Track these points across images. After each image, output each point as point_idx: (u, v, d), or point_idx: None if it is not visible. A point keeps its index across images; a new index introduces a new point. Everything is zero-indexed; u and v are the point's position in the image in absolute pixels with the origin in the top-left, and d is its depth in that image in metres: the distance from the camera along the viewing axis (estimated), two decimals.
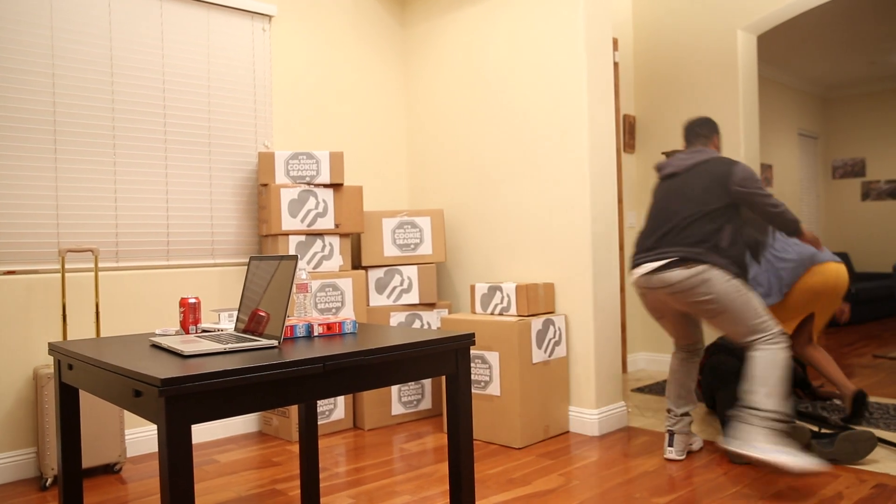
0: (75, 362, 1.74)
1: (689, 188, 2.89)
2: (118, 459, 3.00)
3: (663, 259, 2.83)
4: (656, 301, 2.96)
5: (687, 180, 2.92)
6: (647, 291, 2.92)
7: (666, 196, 2.96)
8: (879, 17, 6.36)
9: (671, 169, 3.00)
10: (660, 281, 2.83)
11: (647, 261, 2.90)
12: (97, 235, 3.25)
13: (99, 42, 3.26)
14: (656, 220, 2.95)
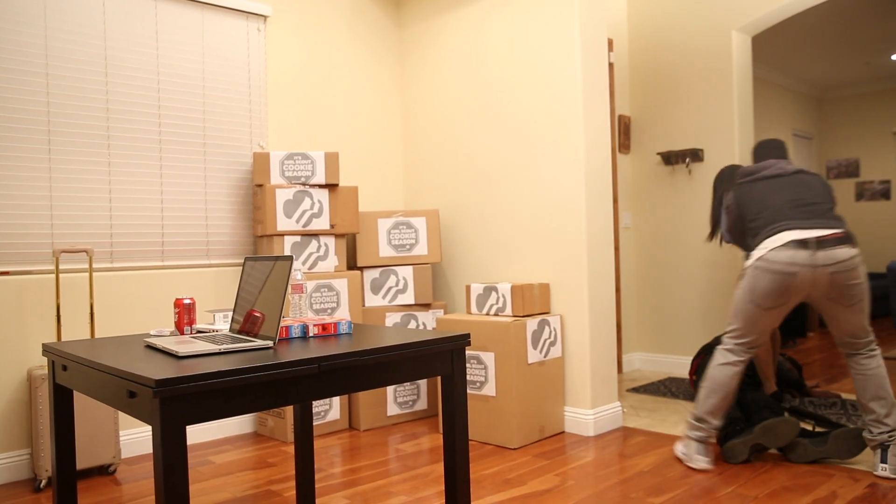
0: (69, 363, 1.73)
1: (806, 185, 2.82)
2: (113, 461, 2.99)
3: (831, 229, 2.65)
4: (802, 283, 2.65)
5: (800, 180, 2.84)
6: (802, 270, 2.63)
7: (782, 188, 2.84)
8: (874, 17, 6.38)
9: (774, 171, 2.91)
10: (828, 258, 2.61)
11: (808, 227, 2.67)
12: (91, 236, 3.24)
13: (93, 42, 3.25)
14: (786, 195, 2.80)
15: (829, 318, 2.78)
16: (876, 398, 2.75)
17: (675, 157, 4.91)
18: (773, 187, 2.88)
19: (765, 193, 2.89)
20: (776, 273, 2.66)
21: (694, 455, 2.88)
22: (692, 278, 4.89)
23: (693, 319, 4.90)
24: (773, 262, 2.66)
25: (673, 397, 4.19)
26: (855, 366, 2.82)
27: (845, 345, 2.83)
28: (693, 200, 4.89)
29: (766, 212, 2.83)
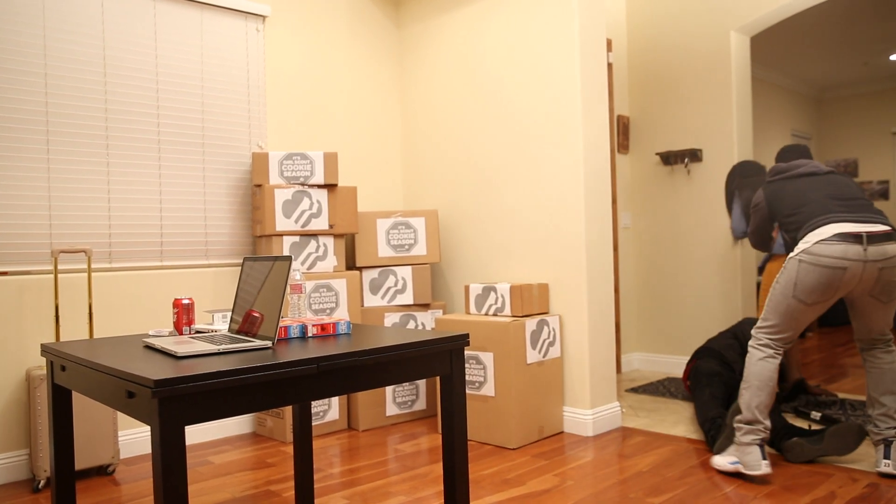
0: (68, 363, 1.73)
1: (842, 183, 2.79)
2: (111, 461, 2.99)
3: (880, 224, 2.59)
4: (851, 278, 2.57)
5: (835, 179, 2.82)
6: (853, 265, 2.54)
7: (820, 185, 2.80)
8: (872, 18, 6.39)
9: (809, 168, 2.89)
10: (880, 253, 2.54)
11: (858, 220, 2.60)
12: (90, 236, 3.23)
13: (92, 42, 3.25)
14: (827, 191, 2.76)
15: (862, 314, 2.74)
16: (889, 392, 2.74)
17: (674, 157, 4.91)
18: (810, 184, 2.83)
19: (802, 189, 2.82)
20: (825, 267, 2.54)
21: (754, 460, 2.67)
22: (691, 278, 4.90)
23: (692, 319, 4.91)
24: (821, 255, 2.55)
25: (672, 397, 4.19)
26: (871, 359, 2.79)
27: (866, 340, 2.80)
28: (692, 201, 4.90)
29: (807, 206, 2.74)
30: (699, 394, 3.40)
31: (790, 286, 2.63)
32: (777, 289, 2.68)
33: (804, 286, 2.59)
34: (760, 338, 2.77)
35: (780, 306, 2.67)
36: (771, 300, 2.71)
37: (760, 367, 2.72)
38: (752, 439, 2.70)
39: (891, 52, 7.55)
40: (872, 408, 2.78)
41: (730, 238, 4.71)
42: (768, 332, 2.75)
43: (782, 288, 2.66)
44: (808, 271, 2.58)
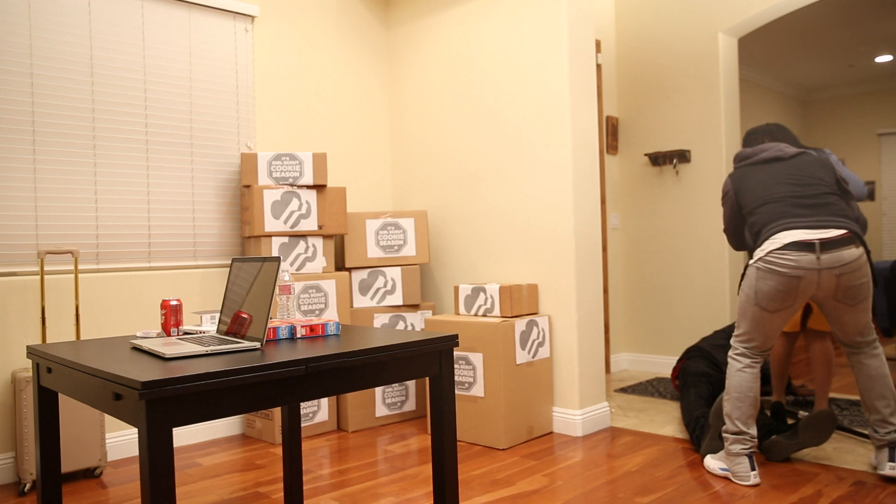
0: (54, 365, 1.72)
1: (808, 172, 2.70)
2: (99, 463, 2.97)
3: (836, 229, 2.54)
4: (808, 285, 2.54)
5: (802, 164, 2.73)
6: (807, 273, 2.51)
7: (782, 176, 2.71)
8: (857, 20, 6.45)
9: (773, 153, 2.78)
10: (834, 260, 2.51)
11: (812, 226, 2.55)
12: (77, 237, 3.21)
13: (79, 41, 3.23)
14: (786, 190, 2.68)
15: (833, 318, 2.69)
16: (881, 397, 2.68)
17: (663, 158, 4.94)
18: (771, 175, 2.74)
19: (763, 182, 2.75)
20: (780, 275, 2.54)
21: (743, 471, 2.66)
22: (680, 279, 4.92)
23: (681, 320, 4.93)
24: (776, 263, 2.54)
25: (661, 397, 4.21)
26: (858, 365, 2.73)
27: (848, 343, 2.75)
28: (680, 201, 4.92)
29: (766, 206, 2.69)
30: (685, 394, 3.42)
31: (752, 293, 2.62)
32: (742, 297, 2.68)
33: (763, 293, 2.59)
34: (736, 347, 2.75)
35: (746, 314, 2.67)
36: (739, 308, 2.72)
37: (738, 378, 2.70)
38: (741, 449, 2.68)
39: (875, 55, 7.61)
40: (868, 413, 2.72)
41: (718, 238, 4.74)
42: (741, 340, 2.73)
43: (745, 296, 2.66)
44: (765, 278, 2.57)
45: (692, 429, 3.16)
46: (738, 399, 2.68)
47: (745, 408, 2.67)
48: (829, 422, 2.87)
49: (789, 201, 2.65)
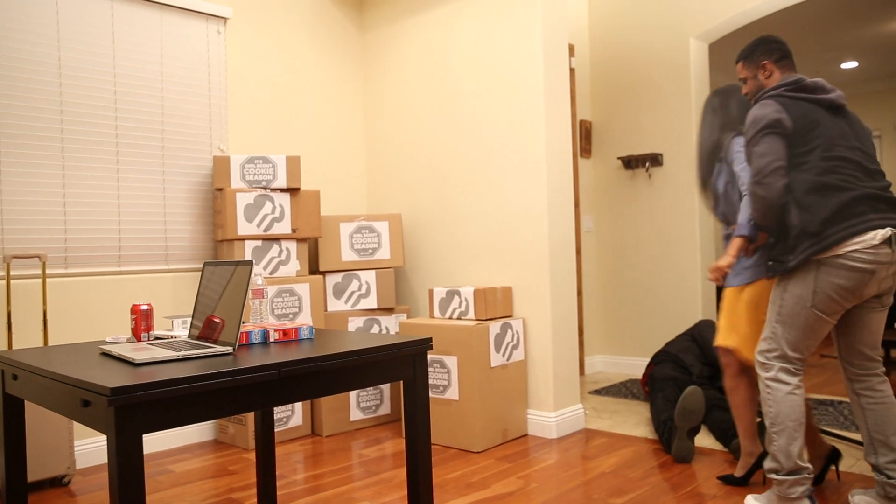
0: (20, 372, 1.68)
1: (863, 135, 2.32)
2: (67, 472, 2.92)
3: None
4: (874, 281, 2.16)
5: (855, 124, 2.33)
6: (879, 267, 2.14)
7: (847, 138, 2.27)
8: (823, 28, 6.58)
9: (837, 97, 2.31)
10: None
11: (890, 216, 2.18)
12: (45, 241, 3.15)
13: (46, 42, 3.17)
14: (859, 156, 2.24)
15: (860, 326, 2.29)
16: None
17: (636, 161, 4.99)
18: (838, 131, 2.26)
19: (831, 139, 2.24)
20: (853, 270, 2.13)
21: None
22: (653, 280, 4.97)
23: (654, 321, 4.98)
24: (855, 259, 2.14)
25: (634, 399, 4.25)
26: (869, 393, 2.30)
27: (860, 363, 2.32)
28: (653, 204, 4.97)
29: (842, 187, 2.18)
30: (654, 398, 3.46)
31: (808, 294, 2.20)
32: (789, 300, 2.24)
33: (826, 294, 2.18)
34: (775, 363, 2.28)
35: (796, 320, 2.23)
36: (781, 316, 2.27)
37: (791, 402, 2.24)
38: (802, 491, 2.23)
39: (841, 61, 7.78)
40: (877, 454, 2.26)
41: (690, 241, 4.79)
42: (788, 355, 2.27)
43: (796, 298, 2.23)
44: (832, 275, 2.17)
45: (661, 432, 3.20)
46: (794, 430, 2.23)
47: (801, 439, 2.24)
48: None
49: (868, 182, 2.22)
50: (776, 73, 2.43)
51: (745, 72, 2.51)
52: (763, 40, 2.46)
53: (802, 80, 2.30)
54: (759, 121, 2.25)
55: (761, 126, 2.24)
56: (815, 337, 2.24)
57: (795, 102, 2.28)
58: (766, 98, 2.32)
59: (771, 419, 2.26)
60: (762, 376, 2.31)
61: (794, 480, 2.23)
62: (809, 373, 4.95)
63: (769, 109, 2.26)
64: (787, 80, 2.31)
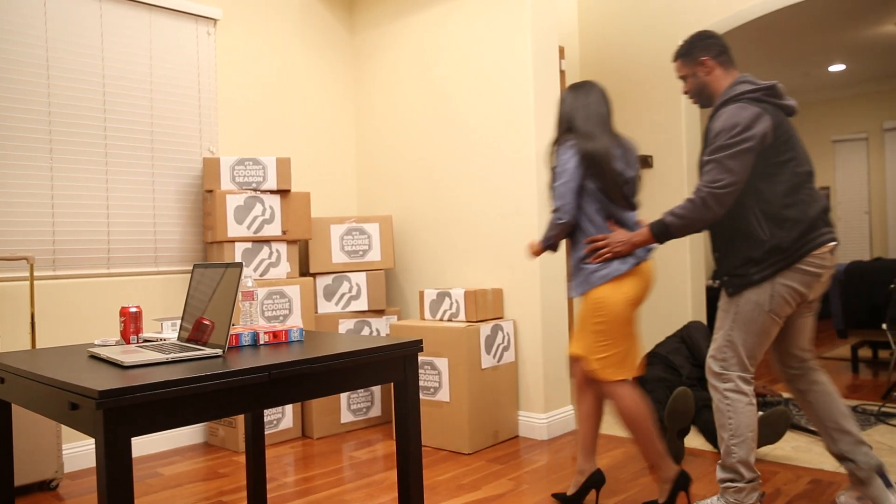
0: (7, 375, 1.67)
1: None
2: (55, 475, 2.90)
3: None
4: (820, 285, 2.25)
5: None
6: (826, 271, 2.22)
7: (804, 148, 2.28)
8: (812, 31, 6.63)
9: (795, 105, 2.30)
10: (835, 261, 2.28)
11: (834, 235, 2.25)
12: (33, 243, 3.13)
13: (34, 42, 3.15)
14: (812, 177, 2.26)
15: (791, 332, 2.36)
16: (846, 416, 2.31)
17: None
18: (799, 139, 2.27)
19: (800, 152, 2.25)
20: (806, 274, 2.19)
21: None
22: None
23: (644, 321, 5.00)
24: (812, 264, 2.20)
25: None
26: (811, 386, 2.36)
27: (797, 364, 2.39)
28: (643, 206, 4.99)
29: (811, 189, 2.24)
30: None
31: (765, 299, 2.22)
32: (747, 308, 2.25)
33: (781, 296, 2.22)
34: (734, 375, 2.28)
35: (753, 326, 2.25)
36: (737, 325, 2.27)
37: (749, 413, 2.26)
38: (758, 496, 2.27)
39: (829, 64, 7.84)
40: (836, 442, 2.32)
41: (680, 243, 4.81)
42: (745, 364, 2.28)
43: (753, 305, 2.24)
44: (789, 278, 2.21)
45: None
46: (752, 440, 2.26)
47: (755, 445, 2.28)
48: (784, 420, 2.94)
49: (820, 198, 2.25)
50: (717, 70, 2.37)
51: (684, 69, 2.43)
52: (700, 36, 2.39)
53: (776, 84, 2.24)
54: (745, 129, 2.16)
55: (745, 137, 2.15)
56: (767, 342, 2.26)
57: (775, 109, 2.23)
58: (745, 101, 2.22)
59: (731, 431, 2.26)
60: (719, 387, 2.30)
61: (752, 487, 2.26)
62: None
63: (758, 121, 2.17)
64: (765, 84, 2.24)
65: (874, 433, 3.36)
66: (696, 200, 2.22)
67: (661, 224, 2.29)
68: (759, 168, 2.21)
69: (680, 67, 2.44)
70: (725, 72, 2.37)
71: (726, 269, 2.29)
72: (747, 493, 2.25)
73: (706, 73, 2.38)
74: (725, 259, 2.29)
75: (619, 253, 2.36)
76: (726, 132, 2.18)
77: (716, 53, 2.37)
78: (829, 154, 9.07)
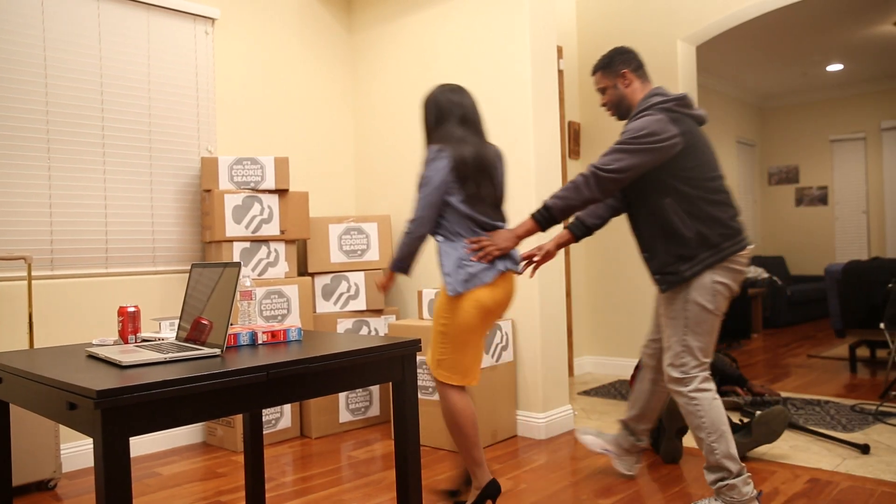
0: (5, 375, 1.67)
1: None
2: (53, 475, 2.89)
3: None
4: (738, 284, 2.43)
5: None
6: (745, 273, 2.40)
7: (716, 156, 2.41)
8: (810, 31, 6.64)
9: (706, 115, 2.47)
10: None
11: None
12: (30, 242, 3.13)
13: (32, 42, 3.15)
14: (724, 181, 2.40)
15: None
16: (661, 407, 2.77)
17: None
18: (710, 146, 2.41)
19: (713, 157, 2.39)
20: (737, 272, 2.34)
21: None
22: (641, 281, 4.99)
23: (642, 322, 5.00)
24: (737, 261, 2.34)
25: (623, 399, 4.26)
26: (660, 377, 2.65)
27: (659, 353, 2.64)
28: None
29: (726, 194, 2.37)
30: None
31: (710, 298, 2.32)
32: (695, 309, 2.32)
33: (723, 294, 2.34)
34: (697, 372, 2.35)
35: (704, 324, 2.34)
36: (692, 325, 2.34)
37: (717, 407, 2.33)
38: (752, 488, 2.30)
39: (827, 64, 7.85)
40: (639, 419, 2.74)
41: None
42: (705, 362, 2.37)
43: (701, 305, 2.32)
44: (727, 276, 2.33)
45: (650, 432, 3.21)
46: (727, 432, 2.32)
47: (732, 439, 2.32)
48: (782, 419, 2.95)
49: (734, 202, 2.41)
50: (636, 82, 2.48)
51: (604, 81, 2.53)
52: (619, 50, 2.51)
53: (686, 95, 2.37)
54: (650, 134, 2.26)
55: (649, 140, 2.26)
56: (715, 337, 2.37)
57: (683, 118, 2.34)
58: (657, 110, 2.33)
59: (707, 429, 2.31)
60: (683, 391, 2.36)
61: (743, 480, 2.28)
62: (797, 373, 4.99)
63: (666, 128, 2.28)
64: (676, 95, 2.36)
65: (872, 433, 3.37)
66: (579, 180, 2.32)
67: (543, 209, 2.36)
68: (675, 171, 2.32)
69: (600, 79, 2.54)
70: (642, 85, 2.50)
71: (657, 267, 2.39)
72: (741, 487, 2.27)
73: (626, 85, 2.49)
74: (655, 258, 2.39)
75: (504, 249, 2.36)
76: (633, 132, 2.30)
77: (634, 67, 2.50)
78: (826, 154, 9.08)
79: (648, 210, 2.38)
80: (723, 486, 2.29)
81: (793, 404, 3.96)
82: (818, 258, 9.15)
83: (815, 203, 9.14)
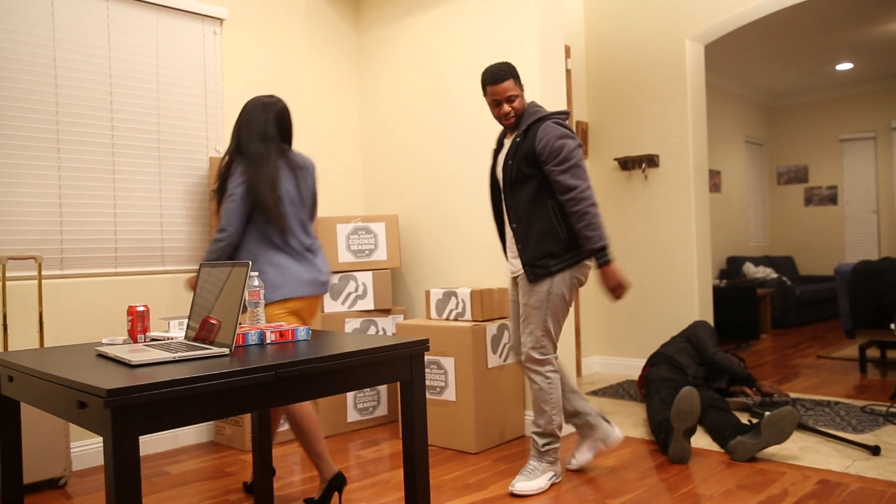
0: (16, 374, 1.68)
1: None
2: (63, 474, 2.91)
3: None
4: None
5: None
6: None
7: None
8: (818, 30, 6.60)
9: None
10: None
11: None
12: (41, 242, 3.14)
13: (41, 43, 3.16)
14: None
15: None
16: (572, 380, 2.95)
17: (632, 162, 4.99)
18: None
19: None
20: (588, 268, 2.77)
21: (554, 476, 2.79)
22: (649, 281, 4.98)
23: (650, 322, 4.99)
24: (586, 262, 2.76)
25: (631, 399, 4.25)
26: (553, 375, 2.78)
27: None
28: (649, 205, 4.98)
29: None
30: (650, 399, 3.46)
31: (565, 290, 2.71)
32: (555, 300, 2.68)
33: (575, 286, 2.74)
34: (552, 359, 2.75)
35: (559, 315, 2.73)
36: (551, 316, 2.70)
37: (560, 386, 2.80)
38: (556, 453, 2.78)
39: (836, 63, 7.80)
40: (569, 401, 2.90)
41: (686, 242, 4.79)
42: (554, 349, 2.77)
43: (558, 296, 2.69)
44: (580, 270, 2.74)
45: (658, 433, 3.20)
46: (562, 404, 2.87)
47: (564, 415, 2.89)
48: (791, 420, 2.93)
49: None
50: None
51: (516, 89, 2.72)
52: (509, 63, 2.74)
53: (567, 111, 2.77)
54: (575, 146, 2.63)
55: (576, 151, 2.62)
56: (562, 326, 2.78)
57: None
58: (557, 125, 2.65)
59: (552, 404, 2.73)
60: (542, 371, 2.73)
61: (558, 443, 2.79)
62: (806, 374, 4.96)
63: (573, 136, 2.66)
64: (557, 111, 2.71)
65: (883, 434, 3.35)
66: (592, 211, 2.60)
67: (602, 249, 2.63)
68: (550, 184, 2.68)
69: (513, 87, 2.72)
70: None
71: (528, 259, 2.69)
72: (557, 449, 2.79)
73: (523, 94, 2.77)
74: (528, 251, 2.68)
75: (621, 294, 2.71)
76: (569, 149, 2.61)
77: None
78: (836, 153, 9.03)
79: (532, 208, 2.66)
80: (550, 449, 2.75)
81: (802, 405, 3.94)
82: (828, 258, 9.10)
83: (825, 203, 9.09)
